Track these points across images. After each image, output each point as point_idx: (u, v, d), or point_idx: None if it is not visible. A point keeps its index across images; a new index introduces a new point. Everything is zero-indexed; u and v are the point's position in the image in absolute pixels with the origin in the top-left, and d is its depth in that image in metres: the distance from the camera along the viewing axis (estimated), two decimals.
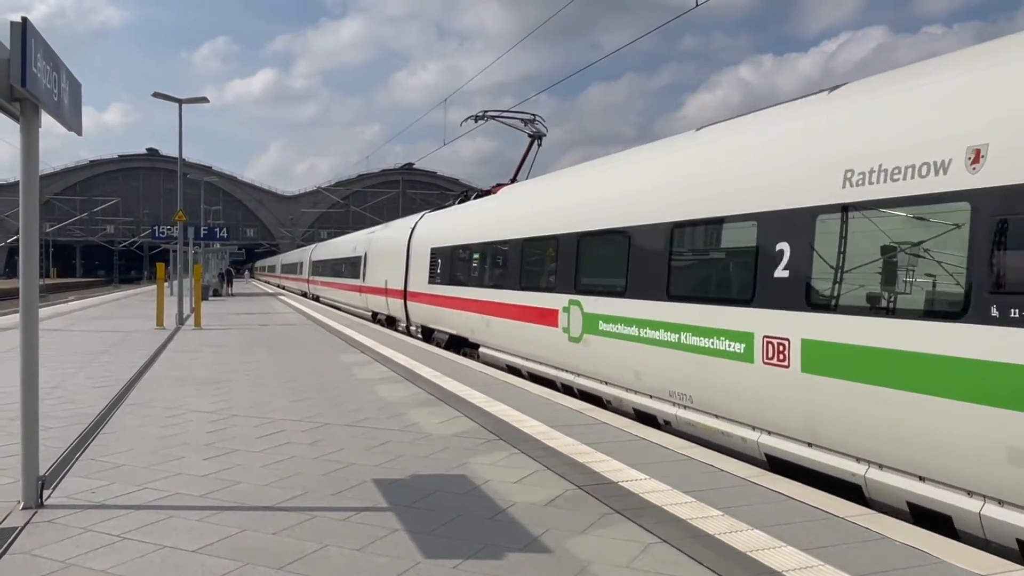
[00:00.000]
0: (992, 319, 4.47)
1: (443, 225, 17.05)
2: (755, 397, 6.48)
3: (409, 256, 19.09)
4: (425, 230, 18.45)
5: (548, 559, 4.06)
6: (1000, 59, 4.97)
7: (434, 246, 16.80)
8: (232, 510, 4.88)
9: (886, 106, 5.65)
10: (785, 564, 3.95)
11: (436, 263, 16.50)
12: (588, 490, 5.31)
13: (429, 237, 17.59)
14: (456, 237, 15.50)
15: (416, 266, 18.30)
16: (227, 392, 9.54)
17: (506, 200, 13.92)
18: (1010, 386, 4.35)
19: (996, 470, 4.50)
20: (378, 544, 4.28)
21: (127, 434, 7.12)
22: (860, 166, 5.55)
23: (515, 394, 9.34)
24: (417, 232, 19.11)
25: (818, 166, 5.99)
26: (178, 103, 22.73)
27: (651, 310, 8.06)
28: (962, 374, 4.62)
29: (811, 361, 5.79)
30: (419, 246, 18.35)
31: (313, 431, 7.26)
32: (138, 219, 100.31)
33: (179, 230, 24.48)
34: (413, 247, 18.89)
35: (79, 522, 4.64)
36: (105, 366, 11.99)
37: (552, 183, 12.37)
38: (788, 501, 5.02)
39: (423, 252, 17.62)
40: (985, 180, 4.60)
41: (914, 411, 4.94)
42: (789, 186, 6.25)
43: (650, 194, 8.50)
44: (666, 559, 4.05)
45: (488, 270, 13.53)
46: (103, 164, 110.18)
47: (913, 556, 4.05)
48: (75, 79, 5.54)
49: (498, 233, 13.08)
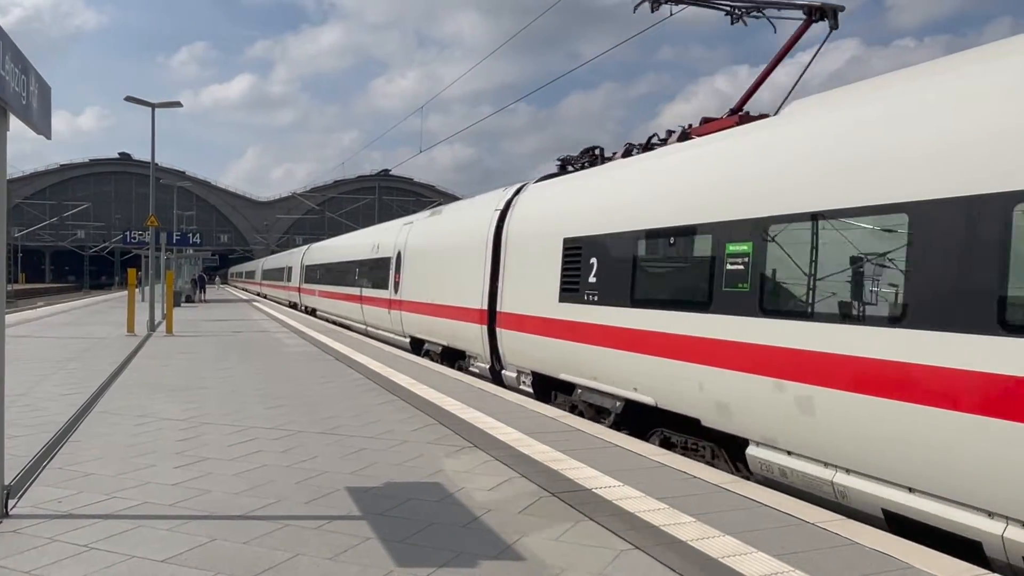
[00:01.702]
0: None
1: (598, 195, 9.50)
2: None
3: (500, 255, 11.77)
4: (538, 209, 11.10)
5: (521, 566, 4.06)
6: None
7: (576, 234, 9.46)
8: (203, 519, 4.82)
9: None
10: (756, 570, 3.98)
11: (585, 265, 9.12)
12: (562, 497, 5.32)
13: (551, 219, 10.32)
14: (666, 213, 7.83)
15: (519, 272, 11.10)
16: (199, 400, 9.43)
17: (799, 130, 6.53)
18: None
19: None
20: (351, 552, 4.25)
21: (96, 442, 7.01)
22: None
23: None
24: (518, 213, 11.58)
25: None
26: (151, 107, 22.52)
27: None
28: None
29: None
30: (525, 236, 11.06)
31: (286, 438, 7.20)
32: (109, 224, 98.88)
33: (151, 235, 24.20)
34: (510, 239, 11.53)
35: (45, 532, 4.55)
36: (74, 373, 11.80)
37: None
38: (760, 507, 5.06)
39: (539, 246, 10.39)
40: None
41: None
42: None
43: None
44: (639, 565, 4.07)
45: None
46: (74, 168, 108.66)
47: (882, 561, 4.10)
48: (44, 82, 5.47)
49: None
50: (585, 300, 9.04)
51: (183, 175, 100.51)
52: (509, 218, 11.82)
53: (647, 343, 7.76)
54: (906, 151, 5.27)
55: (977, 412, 4.52)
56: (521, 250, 11.17)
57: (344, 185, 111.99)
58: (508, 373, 11.60)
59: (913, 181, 5.14)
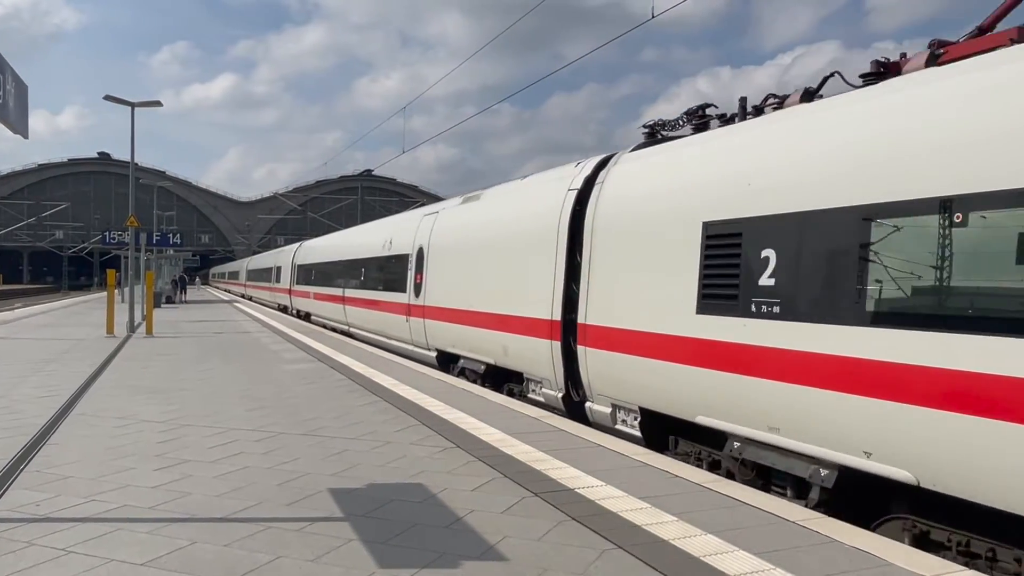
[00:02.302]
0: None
1: (778, 157, 6.34)
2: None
3: (583, 248, 8.84)
4: (648, 184, 8.04)
5: (504, 567, 4.06)
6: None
7: (729, 216, 6.62)
8: (183, 522, 4.78)
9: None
10: (738, 568, 4.01)
11: (750, 260, 6.33)
12: (545, 497, 5.32)
13: (678, 197, 7.38)
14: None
15: (618, 270, 8.18)
16: (179, 401, 9.35)
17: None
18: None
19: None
20: (333, 554, 4.23)
21: (74, 445, 6.93)
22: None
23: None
24: (613, 192, 8.56)
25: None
26: (130, 106, 22.30)
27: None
28: None
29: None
30: (628, 221, 8.10)
31: (268, 440, 7.15)
32: (89, 224, 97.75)
33: (131, 236, 23.97)
34: (601, 226, 8.52)
35: (23, 536, 4.50)
36: (52, 375, 11.67)
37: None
38: (741, 506, 5.09)
39: (655, 234, 7.58)
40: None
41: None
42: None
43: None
44: (622, 565, 4.08)
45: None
46: (52, 168, 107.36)
47: (862, 559, 4.14)
48: (21, 81, 5.41)
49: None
50: (752, 312, 6.16)
51: (163, 175, 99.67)
52: (596, 199, 8.71)
53: (899, 383, 4.98)
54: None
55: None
56: (621, 240, 8.11)
57: (326, 185, 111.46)
58: (597, 407, 8.61)
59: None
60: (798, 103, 6.77)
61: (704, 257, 6.83)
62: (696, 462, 7.21)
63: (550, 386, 9.63)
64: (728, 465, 6.78)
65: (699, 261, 6.87)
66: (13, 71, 5.20)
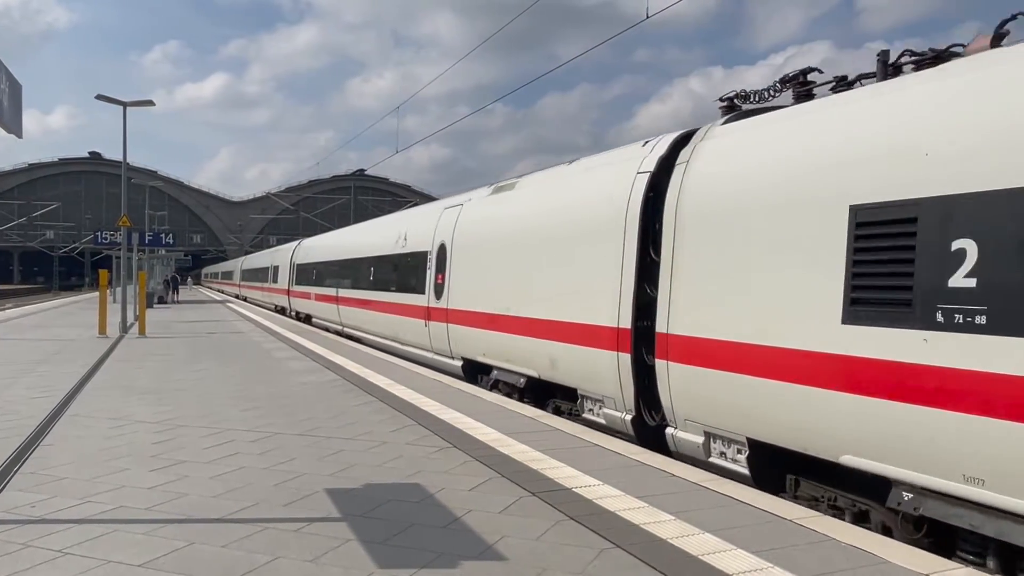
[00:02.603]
0: None
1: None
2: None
3: (663, 241, 7.32)
4: (767, 159, 6.39)
5: (503, 566, 4.07)
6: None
7: (896, 197, 5.09)
8: (179, 523, 4.77)
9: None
10: (736, 567, 4.02)
11: (934, 254, 4.80)
12: (542, 496, 5.33)
13: (812, 177, 5.83)
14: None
15: (715, 268, 6.64)
16: (173, 402, 9.32)
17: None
18: None
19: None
20: (332, 555, 4.23)
21: (69, 446, 6.90)
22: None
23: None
24: (707, 170, 7.00)
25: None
26: (122, 106, 22.21)
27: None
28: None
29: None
30: (733, 208, 6.52)
31: (263, 440, 7.14)
32: (79, 224, 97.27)
33: (123, 236, 23.88)
34: (692, 215, 6.97)
35: (19, 537, 4.48)
36: (44, 376, 11.61)
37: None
38: (737, 505, 5.11)
39: (774, 224, 6.07)
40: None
41: None
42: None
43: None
44: (620, 564, 4.09)
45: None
46: (43, 167, 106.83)
47: (858, 556, 4.15)
48: (15, 80, 5.39)
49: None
50: (938, 323, 4.71)
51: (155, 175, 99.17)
52: (681, 183, 7.10)
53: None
54: None
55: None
56: (722, 232, 6.52)
57: (319, 185, 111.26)
58: (683, 435, 7.01)
59: None
60: (988, 47, 5.19)
61: (854, 251, 5.33)
62: (832, 510, 5.77)
63: (614, 406, 8.07)
64: (885, 520, 5.38)
65: (845, 255, 5.37)
66: (7, 70, 5.18)
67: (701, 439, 6.81)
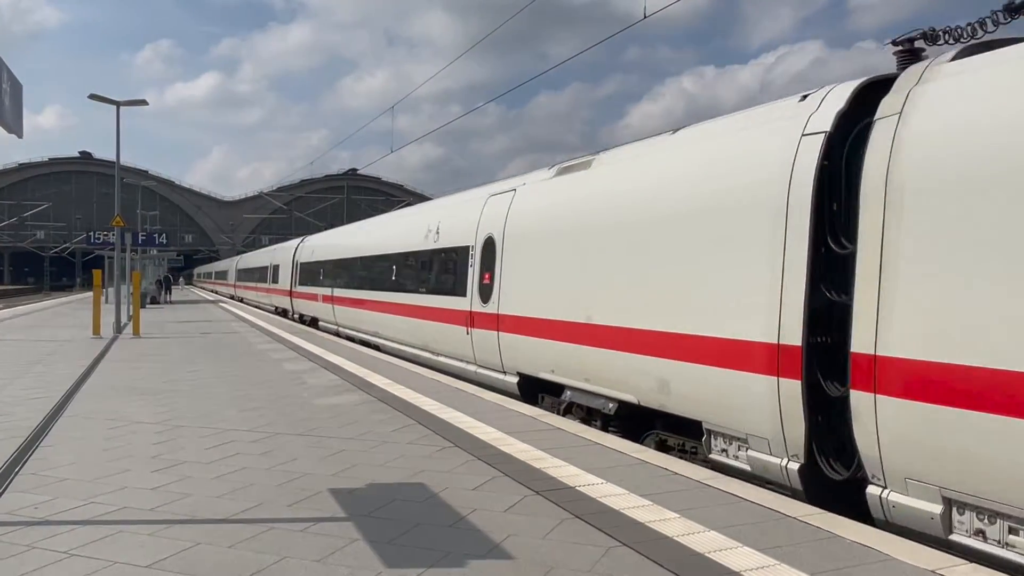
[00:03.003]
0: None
1: None
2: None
3: (882, 218, 5.05)
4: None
5: (511, 565, 4.07)
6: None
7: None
8: (185, 524, 4.76)
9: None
10: (743, 564, 4.04)
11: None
12: (546, 495, 5.34)
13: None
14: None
15: (969, 263, 4.52)
16: (171, 402, 9.29)
17: None
18: None
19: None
20: (339, 554, 4.23)
21: (69, 447, 6.88)
22: None
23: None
24: (929, 127, 4.90)
25: None
26: (116, 105, 22.11)
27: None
28: None
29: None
30: (996, 171, 4.38)
31: (264, 440, 7.13)
32: (70, 224, 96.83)
33: (116, 236, 23.78)
34: (914, 183, 4.87)
35: (23, 539, 4.46)
36: (40, 377, 11.56)
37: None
38: (741, 502, 5.13)
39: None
40: None
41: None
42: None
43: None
44: (628, 562, 4.10)
45: None
46: (33, 167, 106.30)
47: (864, 553, 4.18)
48: (16, 80, 5.37)
49: None
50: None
51: (146, 174, 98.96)
52: (894, 141, 5.09)
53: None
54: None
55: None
56: (993, 208, 4.44)
57: (311, 184, 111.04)
58: (903, 500, 4.99)
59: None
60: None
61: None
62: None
63: (768, 448, 6.07)
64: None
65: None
66: (9, 70, 5.15)
67: (938, 508, 4.78)
